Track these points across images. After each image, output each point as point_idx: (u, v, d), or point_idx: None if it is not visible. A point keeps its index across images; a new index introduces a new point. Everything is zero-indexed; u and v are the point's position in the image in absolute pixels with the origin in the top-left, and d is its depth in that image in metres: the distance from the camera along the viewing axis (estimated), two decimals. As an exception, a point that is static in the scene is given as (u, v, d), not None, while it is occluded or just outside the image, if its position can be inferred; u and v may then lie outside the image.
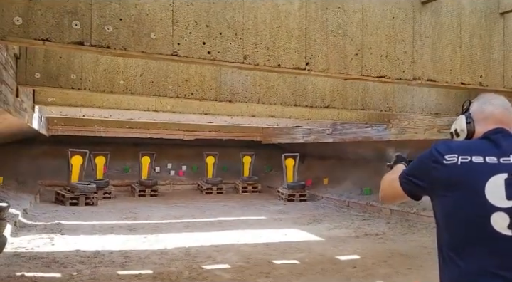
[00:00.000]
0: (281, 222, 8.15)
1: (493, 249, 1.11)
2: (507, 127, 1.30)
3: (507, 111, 1.33)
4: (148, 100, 6.60)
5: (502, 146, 1.22)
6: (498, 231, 1.11)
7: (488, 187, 1.14)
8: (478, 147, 1.24)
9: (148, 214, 8.69)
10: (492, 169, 1.16)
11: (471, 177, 1.18)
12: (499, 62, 3.74)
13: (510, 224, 1.10)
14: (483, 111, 1.33)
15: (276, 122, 9.83)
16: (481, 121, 1.33)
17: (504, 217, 1.11)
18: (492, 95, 1.39)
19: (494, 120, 1.31)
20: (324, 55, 3.15)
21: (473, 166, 1.18)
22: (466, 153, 1.21)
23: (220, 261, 4.92)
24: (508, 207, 1.11)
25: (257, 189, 14.18)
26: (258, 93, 5.24)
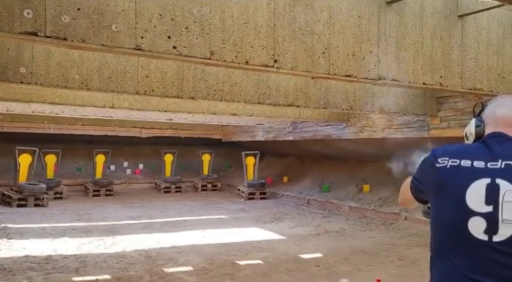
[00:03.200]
0: (242, 221, 8.08)
1: (470, 254, 1.11)
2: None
3: None
4: (105, 97, 6.31)
5: (494, 150, 1.19)
6: (475, 236, 1.10)
7: (470, 192, 1.13)
8: (470, 151, 1.22)
9: (103, 215, 8.34)
10: (477, 174, 1.15)
11: (455, 181, 1.17)
12: (458, 63, 3.86)
13: (486, 229, 1.09)
14: (495, 114, 1.28)
15: (237, 120, 9.74)
16: (491, 124, 1.27)
17: (481, 222, 1.10)
18: (508, 97, 1.35)
19: (504, 123, 1.25)
20: (292, 53, 3.10)
21: (460, 170, 1.17)
22: (456, 157, 1.20)
23: (183, 263, 4.78)
24: (485, 212, 1.10)
25: (217, 188, 14.03)
26: (221, 90, 5.13)
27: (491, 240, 1.08)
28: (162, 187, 13.48)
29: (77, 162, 14.01)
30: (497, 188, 1.10)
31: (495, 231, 1.08)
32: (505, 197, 1.09)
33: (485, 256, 1.08)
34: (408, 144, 7.77)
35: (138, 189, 13.91)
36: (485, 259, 1.08)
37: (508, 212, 1.07)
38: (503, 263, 1.06)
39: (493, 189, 1.11)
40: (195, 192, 13.62)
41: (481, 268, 1.08)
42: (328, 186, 10.69)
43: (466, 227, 1.11)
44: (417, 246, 5.84)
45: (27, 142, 11.30)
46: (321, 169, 11.56)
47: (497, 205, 1.09)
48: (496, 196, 1.10)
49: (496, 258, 1.07)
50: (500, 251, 1.07)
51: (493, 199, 1.10)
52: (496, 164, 1.14)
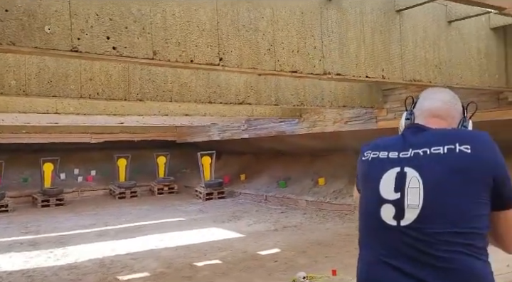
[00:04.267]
0: (200, 222, 8.01)
1: (383, 239, 1.17)
2: (444, 121, 1.30)
3: (445, 105, 1.31)
4: (48, 102, 6.02)
5: (407, 141, 1.24)
6: (386, 222, 1.16)
7: (383, 181, 1.20)
8: (389, 143, 1.28)
9: (53, 226, 7.97)
10: (390, 164, 1.21)
11: (373, 172, 1.24)
12: (398, 56, 4.02)
13: (395, 215, 1.15)
14: (422, 106, 1.34)
15: (191, 121, 9.63)
16: (419, 116, 1.32)
17: (390, 208, 1.16)
18: (435, 89, 1.40)
19: (431, 115, 1.30)
20: (237, 51, 3.09)
21: (377, 162, 1.25)
22: (377, 149, 1.28)
23: (138, 270, 4.66)
24: (394, 199, 1.16)
25: (174, 190, 13.82)
26: (170, 91, 5.04)
27: (399, 224, 1.13)
28: (116, 193, 13.10)
29: (23, 172, 13.31)
30: (404, 176, 1.17)
31: (402, 216, 1.14)
32: (411, 184, 1.15)
33: (395, 240, 1.14)
34: (358, 137, 8.02)
35: (91, 197, 13.42)
36: (396, 243, 1.14)
37: (412, 198, 1.13)
38: (411, 245, 1.11)
39: (401, 177, 1.17)
40: (151, 196, 13.34)
41: (394, 251, 1.14)
42: (284, 182, 10.81)
43: (379, 214, 1.18)
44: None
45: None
46: (278, 165, 11.68)
47: (403, 192, 1.15)
48: (402, 184, 1.16)
49: (404, 240, 1.12)
50: (406, 234, 1.12)
51: (401, 187, 1.16)
52: (407, 154, 1.20)
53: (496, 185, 1.14)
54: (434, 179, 1.13)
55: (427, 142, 1.19)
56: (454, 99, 1.35)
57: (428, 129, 1.25)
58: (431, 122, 1.28)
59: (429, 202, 1.11)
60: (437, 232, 1.09)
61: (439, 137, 1.20)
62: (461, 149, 1.14)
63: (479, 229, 1.11)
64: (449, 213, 1.10)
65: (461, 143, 1.15)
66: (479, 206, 1.12)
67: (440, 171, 1.13)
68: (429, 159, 1.16)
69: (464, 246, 1.09)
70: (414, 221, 1.12)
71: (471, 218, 1.10)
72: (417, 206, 1.12)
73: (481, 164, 1.13)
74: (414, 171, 1.16)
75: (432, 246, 1.09)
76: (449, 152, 1.14)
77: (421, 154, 1.17)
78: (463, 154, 1.13)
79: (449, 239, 1.08)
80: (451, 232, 1.09)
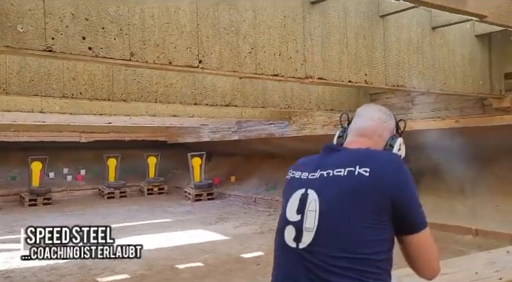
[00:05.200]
0: (187, 223, 7.97)
1: (286, 260, 1.17)
2: (370, 140, 1.27)
3: (373, 123, 1.29)
4: (33, 101, 5.96)
5: (319, 162, 1.22)
6: (287, 244, 1.16)
7: (290, 202, 1.20)
8: (306, 163, 1.26)
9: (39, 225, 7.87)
10: (299, 185, 1.20)
11: (286, 192, 1.25)
12: (381, 61, 4.03)
13: (295, 237, 1.14)
14: (355, 125, 1.32)
15: (180, 121, 9.59)
16: (350, 133, 1.32)
17: (292, 230, 1.15)
18: (370, 106, 1.37)
19: (358, 133, 1.29)
20: (217, 53, 3.08)
21: (292, 182, 1.24)
22: (295, 169, 1.27)
23: (119, 272, 4.62)
24: (295, 221, 1.15)
25: (164, 191, 13.75)
26: (155, 92, 5.01)
27: (298, 247, 1.13)
28: (105, 193, 13.01)
29: (11, 170, 13.18)
30: (306, 197, 1.16)
31: (300, 238, 1.13)
32: (309, 206, 1.14)
33: (295, 262, 1.13)
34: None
35: (80, 196, 13.32)
36: (295, 265, 1.13)
37: (309, 221, 1.13)
38: (307, 268, 1.11)
39: (304, 198, 1.17)
40: (141, 196, 13.27)
41: (294, 273, 1.13)
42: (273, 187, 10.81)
43: (284, 235, 1.17)
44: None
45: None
46: (268, 168, 11.66)
47: (303, 214, 1.14)
48: (304, 206, 1.15)
49: (302, 263, 1.12)
50: (303, 257, 1.12)
51: (302, 209, 1.15)
52: (314, 175, 1.19)
53: (397, 209, 1.10)
54: (329, 203, 1.12)
55: (333, 163, 1.18)
56: (385, 116, 1.32)
57: (342, 149, 1.25)
58: (356, 141, 1.27)
59: (322, 226, 1.11)
60: (330, 256, 1.08)
61: (345, 159, 1.18)
62: (360, 172, 1.11)
63: (373, 255, 1.08)
64: (340, 238, 1.09)
65: (361, 166, 1.12)
66: (374, 231, 1.09)
67: (336, 194, 1.12)
68: (329, 181, 1.15)
69: (356, 271, 1.07)
70: (309, 245, 1.11)
71: (363, 243, 1.08)
72: (312, 230, 1.11)
73: (378, 187, 1.10)
74: (314, 193, 1.15)
75: (325, 271, 1.08)
76: (348, 175, 1.13)
77: (324, 176, 1.17)
78: (361, 176, 1.11)
79: (340, 264, 1.07)
80: (343, 257, 1.07)
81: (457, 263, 2.35)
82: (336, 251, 1.08)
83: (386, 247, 1.11)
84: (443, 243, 5.35)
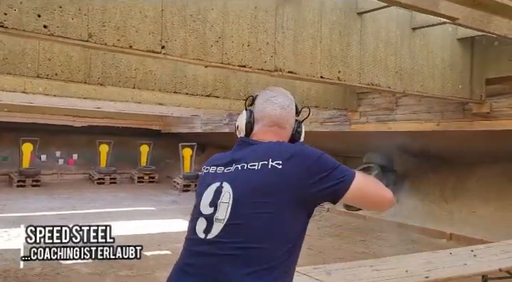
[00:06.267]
0: (169, 212, 7.99)
1: (190, 251, 1.20)
2: (283, 129, 1.30)
3: (284, 111, 1.30)
4: (15, 81, 5.93)
5: (233, 156, 1.24)
6: (197, 235, 1.18)
7: (204, 196, 1.22)
8: (221, 158, 1.28)
9: (21, 206, 7.92)
10: (213, 179, 1.22)
11: (200, 187, 1.27)
12: (356, 59, 3.99)
13: (205, 229, 1.16)
14: (263, 110, 1.30)
15: (167, 110, 9.55)
16: (259, 120, 1.30)
17: (203, 222, 1.18)
18: (276, 91, 1.35)
19: (271, 122, 1.29)
20: (182, 40, 3.05)
21: (205, 177, 1.27)
22: (209, 164, 1.30)
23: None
24: (208, 214, 1.17)
25: (155, 180, 13.78)
26: (134, 78, 4.99)
27: (206, 237, 1.15)
28: (95, 178, 13.06)
29: (3, 150, 13.21)
30: (221, 190, 1.18)
31: (210, 229, 1.15)
32: (223, 199, 1.16)
33: (199, 253, 1.16)
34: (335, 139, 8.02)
35: (70, 180, 13.36)
36: (199, 256, 1.16)
37: (221, 212, 1.15)
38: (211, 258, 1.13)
39: (218, 192, 1.18)
40: (131, 184, 13.30)
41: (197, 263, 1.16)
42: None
43: (195, 227, 1.20)
44: (330, 236, 6.04)
45: None
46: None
47: (216, 206, 1.16)
48: (217, 199, 1.17)
49: (207, 253, 1.14)
50: (209, 247, 1.14)
51: (215, 202, 1.17)
52: (230, 169, 1.21)
53: (318, 185, 1.14)
54: (241, 195, 1.14)
55: (247, 157, 1.20)
56: (292, 103, 1.35)
57: (255, 143, 1.26)
58: (269, 131, 1.28)
59: (232, 217, 1.13)
60: (235, 247, 1.10)
61: (260, 152, 1.20)
62: (273, 164, 1.14)
63: (278, 246, 1.11)
64: (248, 229, 1.11)
65: (274, 159, 1.15)
66: (283, 224, 1.12)
67: (249, 187, 1.14)
68: (243, 174, 1.17)
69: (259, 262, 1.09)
70: (217, 236, 1.13)
71: (270, 235, 1.10)
72: (222, 221, 1.13)
73: (290, 177, 1.13)
74: (229, 186, 1.17)
75: (228, 261, 1.10)
76: (262, 168, 1.15)
77: (239, 169, 1.19)
78: (274, 169, 1.14)
79: (244, 254, 1.09)
80: (248, 247, 1.10)
81: (395, 260, 2.36)
82: (242, 242, 1.10)
83: (292, 241, 1.14)
84: (416, 246, 5.34)
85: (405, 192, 7.44)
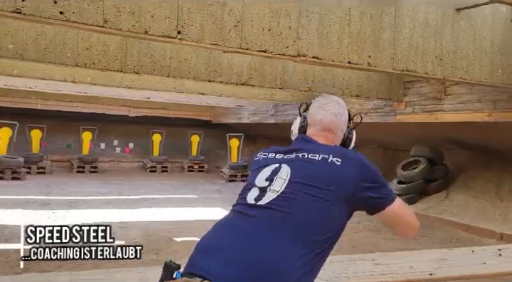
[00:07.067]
0: (210, 201, 8.10)
1: (241, 213, 1.28)
2: (333, 134, 1.41)
3: (336, 118, 1.42)
4: (65, 70, 6.27)
5: (293, 147, 1.38)
6: (247, 201, 1.28)
7: (261, 172, 1.33)
8: (280, 148, 1.41)
9: (74, 190, 8.43)
10: (273, 161, 1.35)
11: (258, 167, 1.38)
12: (389, 43, 3.74)
13: (257, 196, 1.27)
14: (316, 116, 1.42)
15: (209, 100, 9.64)
16: (312, 125, 1.42)
17: (256, 191, 1.29)
18: (329, 98, 1.48)
19: (322, 128, 1.41)
20: (199, 25, 3.03)
21: (264, 159, 1.39)
22: (267, 151, 1.42)
23: (118, 237, 4.76)
24: (262, 186, 1.29)
25: (204, 169, 14.05)
26: (168, 66, 5.08)
27: (256, 203, 1.26)
28: (148, 166, 13.56)
29: (67, 138, 14.11)
30: (278, 170, 1.30)
31: (261, 197, 1.26)
32: (280, 175, 1.29)
33: (249, 215, 1.25)
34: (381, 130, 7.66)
35: (126, 168, 13.98)
36: (249, 217, 1.25)
37: (277, 185, 1.27)
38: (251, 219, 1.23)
39: (276, 170, 1.31)
40: (181, 173, 13.67)
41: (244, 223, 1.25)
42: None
43: (246, 196, 1.31)
44: (368, 230, 5.80)
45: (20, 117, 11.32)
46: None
47: (272, 181, 1.28)
48: (274, 175, 1.29)
49: (254, 216, 1.24)
50: (257, 211, 1.24)
51: (272, 177, 1.29)
52: (290, 156, 1.34)
53: (362, 195, 1.24)
54: (297, 176, 1.26)
55: (308, 150, 1.33)
56: (344, 110, 1.46)
57: (315, 141, 1.39)
58: (321, 135, 1.40)
59: (285, 191, 1.24)
60: (281, 217, 1.20)
61: (320, 148, 1.33)
62: (333, 160, 1.27)
63: (318, 228, 1.20)
64: (297, 208, 1.21)
65: (334, 155, 1.28)
66: (327, 214, 1.21)
67: (306, 172, 1.27)
68: (303, 161, 1.30)
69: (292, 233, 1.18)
70: (268, 203, 1.23)
71: (314, 222, 1.20)
72: (276, 192, 1.24)
73: (345, 176, 1.25)
74: (287, 167, 1.30)
75: (272, 229, 1.19)
76: (322, 160, 1.28)
77: (299, 157, 1.32)
78: (333, 164, 1.26)
79: (287, 229, 1.18)
80: (293, 224, 1.19)
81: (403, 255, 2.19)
82: (290, 214, 1.20)
83: (331, 231, 1.22)
84: (459, 244, 4.97)
85: (456, 188, 6.97)
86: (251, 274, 1.12)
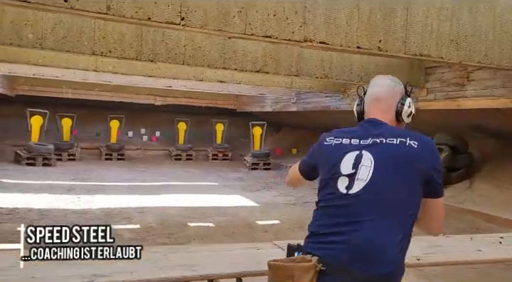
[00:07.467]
0: (230, 188, 8.19)
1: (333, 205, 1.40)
2: (384, 102, 1.53)
3: (384, 88, 1.55)
4: (88, 59, 6.44)
5: (367, 131, 1.48)
6: (339, 190, 1.40)
7: (344, 160, 1.44)
8: (351, 132, 1.51)
9: (100, 176, 8.71)
10: (351, 148, 1.46)
11: (336, 153, 1.48)
12: (401, 26, 3.64)
13: (347, 185, 1.40)
14: (370, 93, 1.57)
15: (226, 88, 9.65)
16: (369, 102, 1.56)
17: (345, 180, 1.41)
18: (380, 77, 1.63)
19: (374, 99, 1.54)
20: (202, 11, 3.04)
21: (340, 146, 1.49)
22: (339, 136, 1.51)
23: (135, 222, 4.96)
24: (349, 174, 1.41)
25: (228, 157, 14.17)
26: (183, 54, 5.12)
27: (348, 193, 1.39)
28: (173, 154, 13.81)
29: (97, 126, 14.52)
30: (361, 157, 1.42)
31: (351, 186, 1.39)
32: (364, 163, 1.41)
33: (342, 206, 1.38)
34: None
35: (152, 156, 14.27)
36: (342, 208, 1.38)
37: (363, 173, 1.39)
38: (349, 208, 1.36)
39: (358, 158, 1.42)
40: (205, 161, 13.83)
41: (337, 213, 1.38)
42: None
43: (337, 185, 1.42)
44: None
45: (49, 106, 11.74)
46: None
47: (357, 169, 1.40)
48: (358, 163, 1.41)
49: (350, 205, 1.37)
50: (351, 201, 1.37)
51: (356, 165, 1.41)
52: (366, 141, 1.45)
53: (431, 178, 1.40)
54: (381, 162, 1.39)
55: (383, 134, 1.45)
56: (394, 82, 1.58)
57: (382, 122, 1.50)
58: (374, 106, 1.53)
59: (374, 178, 1.37)
60: (375, 201, 1.35)
61: (393, 132, 1.46)
62: (410, 143, 1.40)
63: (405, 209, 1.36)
64: (386, 191, 1.36)
65: (411, 139, 1.41)
66: (411, 192, 1.37)
67: (389, 156, 1.39)
68: (384, 146, 1.42)
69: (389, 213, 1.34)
70: (359, 191, 1.37)
71: (402, 200, 1.36)
72: (364, 180, 1.38)
73: (423, 158, 1.40)
74: (369, 154, 1.41)
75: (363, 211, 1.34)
76: (400, 143, 1.40)
77: (378, 142, 1.43)
78: (411, 147, 1.39)
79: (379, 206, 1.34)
80: (386, 205, 1.34)
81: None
82: (380, 200, 1.35)
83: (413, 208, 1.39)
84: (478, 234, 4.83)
85: (480, 177, 6.75)
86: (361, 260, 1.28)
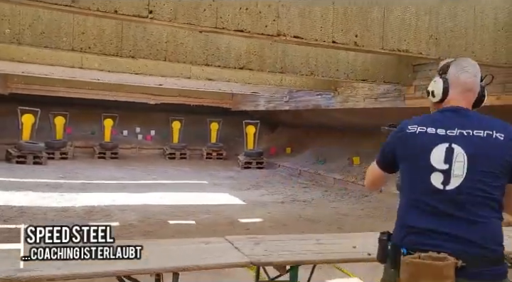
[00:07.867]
0: (219, 187, 8.15)
1: (428, 201, 1.44)
2: (473, 94, 1.55)
3: (475, 79, 1.55)
4: (73, 56, 6.39)
5: (452, 121, 1.49)
6: (435, 186, 1.43)
7: (433, 153, 1.45)
8: (434, 121, 1.52)
9: (89, 175, 8.67)
10: (439, 139, 1.47)
11: (423, 143, 1.48)
12: (378, 21, 3.59)
13: (443, 181, 1.43)
14: (458, 78, 1.54)
15: (214, 86, 9.60)
16: (454, 87, 1.54)
17: (440, 176, 1.43)
18: (468, 61, 1.59)
19: (466, 89, 1.54)
20: (172, 4, 2.99)
21: (426, 135, 1.49)
22: (423, 125, 1.51)
23: (114, 219, 4.91)
24: (443, 169, 1.43)
25: (222, 156, 14.11)
26: (165, 50, 5.07)
27: (445, 189, 1.42)
28: (167, 153, 13.75)
29: (92, 125, 14.46)
30: (452, 151, 1.44)
31: (448, 182, 1.42)
32: (457, 158, 1.43)
33: (440, 201, 1.42)
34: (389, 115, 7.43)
35: (146, 154, 14.22)
36: (440, 203, 1.42)
37: (458, 169, 1.42)
38: (455, 204, 1.41)
39: (449, 152, 1.44)
40: (199, 160, 13.77)
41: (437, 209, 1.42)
42: (323, 161, 10.51)
43: (429, 180, 1.44)
44: (371, 217, 5.67)
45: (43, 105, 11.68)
46: (323, 141, 11.33)
47: (451, 164, 1.43)
48: (451, 157, 1.44)
49: (449, 201, 1.41)
50: (451, 197, 1.41)
51: (449, 159, 1.44)
52: (453, 132, 1.46)
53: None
54: (473, 156, 1.42)
55: (470, 125, 1.46)
56: (479, 72, 1.58)
57: (467, 111, 1.52)
58: (464, 97, 1.53)
59: (468, 174, 1.41)
60: (474, 195, 1.40)
61: (479, 122, 1.47)
62: (497, 136, 1.43)
63: (498, 196, 1.42)
64: (481, 183, 1.40)
65: (497, 131, 1.44)
66: (498, 180, 1.43)
67: (479, 150, 1.42)
68: (472, 139, 1.44)
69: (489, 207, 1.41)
70: (457, 187, 1.41)
71: (493, 187, 1.41)
72: (461, 176, 1.41)
73: (509, 150, 1.43)
74: (460, 148, 1.43)
75: (466, 206, 1.40)
76: (487, 136, 1.43)
77: (465, 134, 1.45)
78: (498, 140, 1.43)
79: (480, 201, 1.40)
80: (482, 196, 1.40)
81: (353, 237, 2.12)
82: (478, 192, 1.40)
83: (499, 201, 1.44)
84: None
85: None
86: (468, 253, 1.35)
